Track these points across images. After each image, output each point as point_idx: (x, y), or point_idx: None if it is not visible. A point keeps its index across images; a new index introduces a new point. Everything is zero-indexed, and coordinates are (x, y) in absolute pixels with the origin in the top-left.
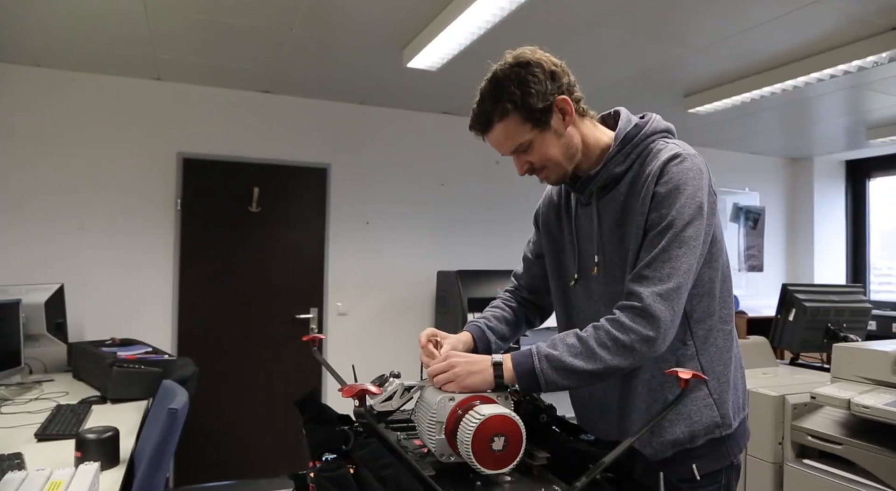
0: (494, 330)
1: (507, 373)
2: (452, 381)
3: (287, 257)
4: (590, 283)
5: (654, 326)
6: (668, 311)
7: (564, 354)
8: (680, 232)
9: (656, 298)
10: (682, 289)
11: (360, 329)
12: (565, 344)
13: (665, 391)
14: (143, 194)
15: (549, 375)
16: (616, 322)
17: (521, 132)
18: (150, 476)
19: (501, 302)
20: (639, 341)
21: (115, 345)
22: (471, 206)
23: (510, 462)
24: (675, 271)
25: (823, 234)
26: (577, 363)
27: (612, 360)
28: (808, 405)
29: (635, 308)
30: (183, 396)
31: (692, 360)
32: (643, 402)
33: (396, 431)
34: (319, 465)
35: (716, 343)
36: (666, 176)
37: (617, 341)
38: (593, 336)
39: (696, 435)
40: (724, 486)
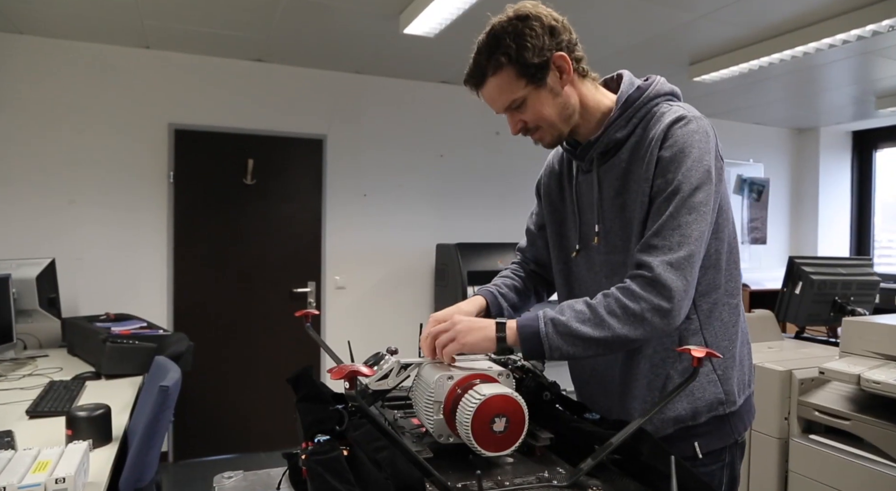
0: (506, 297)
1: (511, 333)
2: (454, 338)
3: (283, 231)
4: (591, 253)
5: (667, 295)
6: (680, 280)
7: (571, 320)
8: (688, 197)
9: (667, 268)
10: (693, 257)
11: (359, 303)
12: (573, 310)
13: (667, 367)
14: (134, 167)
15: (554, 341)
16: (626, 290)
17: (514, 88)
18: (143, 454)
19: (511, 272)
20: (650, 311)
21: (110, 320)
22: (470, 178)
23: (512, 444)
24: (685, 239)
25: (828, 207)
26: (583, 330)
27: (620, 328)
28: (815, 380)
29: (645, 278)
30: (175, 373)
31: (695, 334)
32: (644, 377)
33: (394, 410)
34: (311, 446)
35: (721, 317)
36: (670, 139)
37: (627, 310)
38: (602, 303)
39: (698, 412)
40: (727, 464)
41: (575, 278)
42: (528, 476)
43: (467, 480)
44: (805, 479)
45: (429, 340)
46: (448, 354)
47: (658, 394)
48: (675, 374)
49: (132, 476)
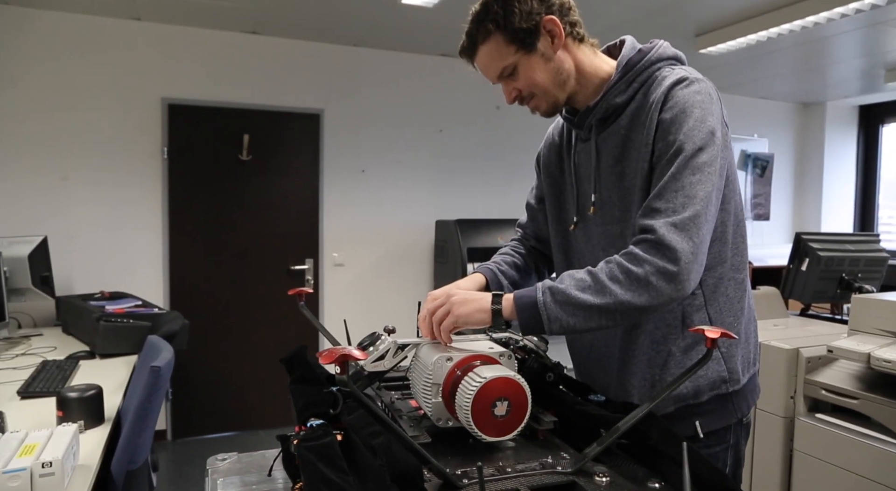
0: (506, 275)
1: (507, 304)
2: (449, 311)
3: (280, 207)
4: (588, 225)
5: (672, 258)
6: (685, 241)
7: (571, 288)
8: (691, 157)
9: (670, 228)
10: (700, 218)
11: (357, 280)
12: (573, 278)
13: (669, 344)
14: (127, 143)
15: (553, 311)
16: (629, 254)
17: (504, 54)
18: (135, 435)
19: (510, 248)
20: (655, 274)
21: (105, 298)
22: (470, 154)
23: (514, 429)
24: (689, 200)
25: (832, 183)
26: (584, 297)
27: (623, 294)
28: (822, 358)
29: (648, 241)
30: (168, 353)
31: (700, 310)
32: (644, 355)
33: (391, 391)
34: (303, 432)
35: (726, 293)
36: (671, 101)
37: (630, 274)
38: (604, 269)
39: (700, 390)
40: (732, 445)
41: (573, 252)
42: (531, 461)
43: (467, 466)
44: (810, 458)
45: (427, 320)
46: (445, 328)
47: (658, 371)
48: (676, 351)
49: (124, 458)
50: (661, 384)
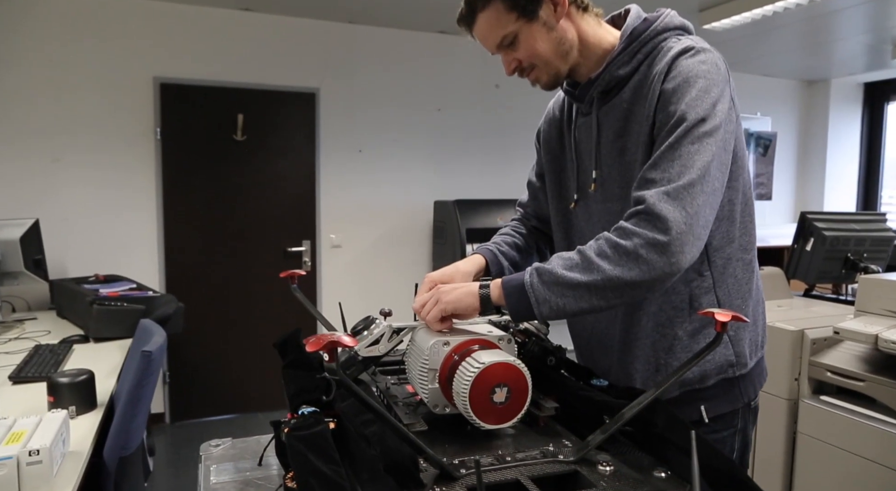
0: (506, 255)
1: (495, 288)
2: (437, 300)
3: (276, 188)
4: (589, 203)
5: (662, 228)
6: (677, 210)
7: (558, 267)
8: (692, 127)
9: (661, 197)
10: (695, 187)
11: (355, 262)
12: (561, 258)
13: (674, 327)
14: (119, 123)
15: (541, 292)
16: (618, 229)
17: (504, 22)
18: (127, 421)
19: (511, 229)
20: (644, 246)
21: (99, 282)
22: (469, 133)
23: (513, 416)
24: (686, 169)
25: (836, 162)
26: (571, 275)
27: (612, 269)
28: (827, 340)
29: (639, 213)
30: (160, 338)
31: (708, 293)
32: (648, 338)
33: (387, 376)
34: (294, 420)
35: (734, 274)
36: (674, 70)
37: (618, 248)
38: (593, 247)
39: (706, 374)
40: (739, 430)
41: (574, 231)
42: (532, 450)
43: (465, 456)
44: (814, 440)
45: (419, 308)
46: (433, 318)
47: (664, 356)
48: (683, 334)
49: (117, 444)
50: (666, 369)
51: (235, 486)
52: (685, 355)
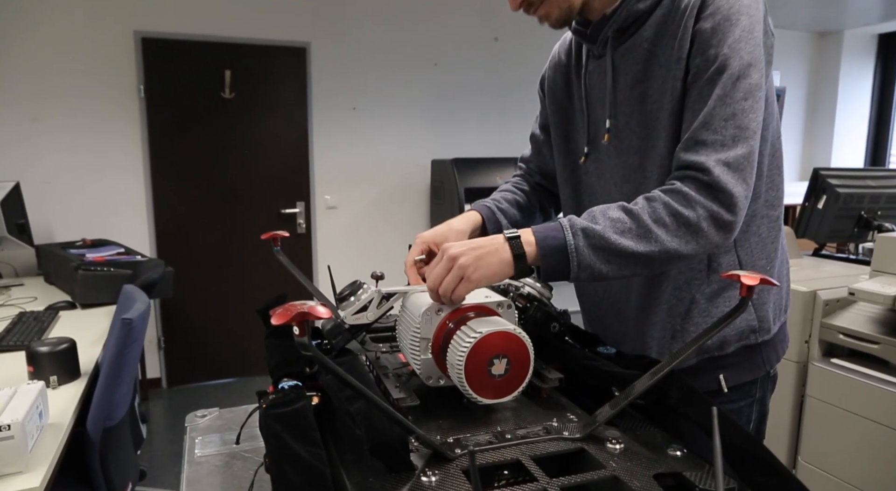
0: (506, 213)
1: (530, 248)
2: (462, 277)
3: (268, 148)
4: (601, 157)
5: (728, 203)
6: (740, 184)
7: (608, 230)
8: (740, 77)
9: (724, 169)
10: (752, 156)
11: (352, 223)
12: (608, 218)
13: (692, 290)
14: (100, 81)
15: (585, 257)
16: (677, 193)
17: None
18: (109, 392)
19: (512, 185)
20: (707, 220)
21: (86, 246)
22: (467, 89)
23: (513, 389)
24: (742, 132)
25: (845, 117)
26: (623, 243)
27: (670, 241)
28: (840, 301)
29: (699, 181)
30: (142, 304)
31: (728, 252)
32: (666, 302)
33: (379, 344)
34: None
35: (758, 232)
36: (710, 6)
37: (679, 217)
38: (647, 209)
39: (727, 341)
40: (757, 399)
41: (583, 187)
42: (534, 425)
43: (461, 433)
44: (823, 404)
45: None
46: (458, 297)
47: (680, 321)
48: (701, 298)
49: (100, 415)
50: (682, 335)
51: (221, 459)
52: (703, 320)
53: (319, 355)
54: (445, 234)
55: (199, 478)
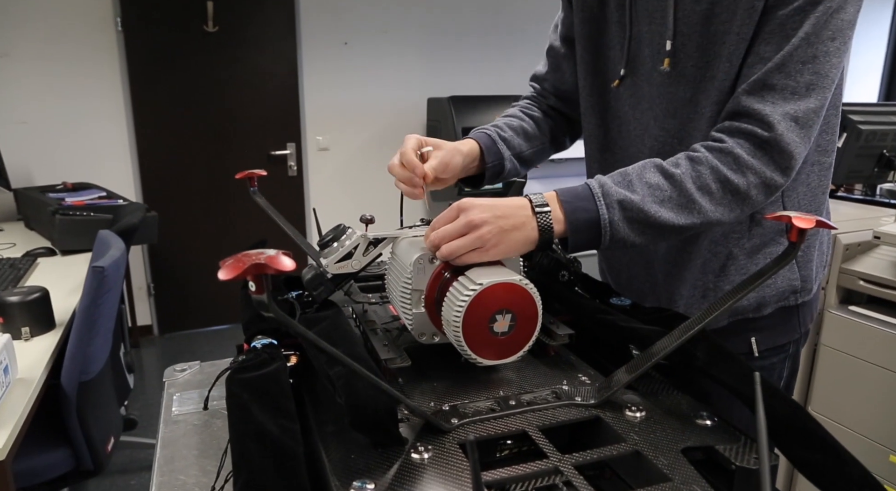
0: (509, 143)
1: (558, 224)
2: (479, 247)
3: (255, 86)
4: (640, 82)
5: (784, 166)
6: (803, 143)
7: (647, 200)
8: (836, 11)
9: (790, 125)
10: (822, 110)
11: (345, 165)
12: (645, 183)
13: (729, 244)
14: (73, 11)
15: (620, 231)
16: (728, 155)
17: None
18: (83, 344)
19: (520, 109)
20: (758, 187)
21: (66, 190)
22: (465, 23)
23: (518, 349)
24: (818, 79)
25: (861, 51)
26: (664, 215)
27: (713, 211)
28: (861, 245)
29: (758, 138)
30: (116, 251)
31: (774, 203)
32: (700, 257)
33: (367, 293)
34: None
35: (808, 181)
36: None
37: (728, 185)
38: (690, 173)
39: (765, 302)
40: (790, 356)
41: (612, 117)
42: (542, 388)
43: (458, 398)
44: (838, 353)
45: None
46: (464, 263)
47: (713, 279)
48: (740, 253)
49: (74, 369)
50: (715, 294)
51: (200, 417)
52: (740, 278)
53: (282, 317)
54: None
55: (176, 439)
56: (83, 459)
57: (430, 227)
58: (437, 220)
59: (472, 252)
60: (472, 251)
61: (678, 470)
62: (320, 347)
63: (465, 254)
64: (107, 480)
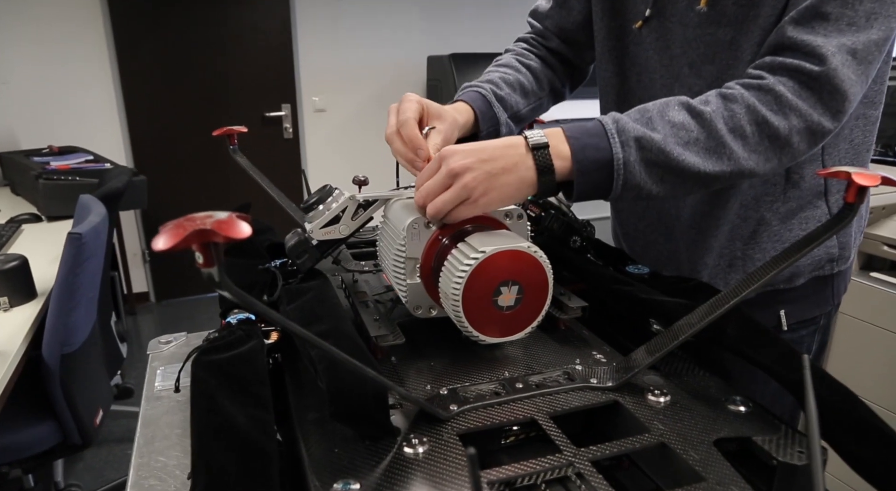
0: (506, 103)
1: (561, 163)
2: (466, 200)
3: (248, 44)
4: (669, 24)
5: (836, 107)
6: (860, 81)
7: (669, 140)
8: None
9: (846, 59)
10: (885, 44)
11: (342, 127)
12: (668, 121)
13: (761, 208)
14: None
15: (636, 175)
16: (769, 93)
17: None
18: (63, 315)
19: (514, 56)
20: (801, 132)
21: (52, 154)
22: None
23: (525, 326)
24: (881, 7)
25: None
26: (689, 159)
27: (746, 158)
28: (886, 208)
29: (806, 74)
30: (96, 217)
31: (814, 161)
32: (727, 223)
33: (359, 261)
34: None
35: (851, 137)
36: None
37: (766, 128)
38: (721, 113)
39: (798, 272)
40: (821, 327)
41: (632, 63)
42: (552, 369)
43: (457, 380)
44: (856, 321)
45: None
46: (456, 220)
47: (742, 246)
48: (773, 218)
49: (54, 340)
50: (743, 263)
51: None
52: (773, 246)
53: (239, 295)
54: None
55: (157, 417)
56: (70, 433)
57: (416, 185)
58: (421, 176)
59: (460, 206)
60: (461, 205)
61: (712, 466)
62: (290, 329)
63: (453, 209)
64: (103, 450)
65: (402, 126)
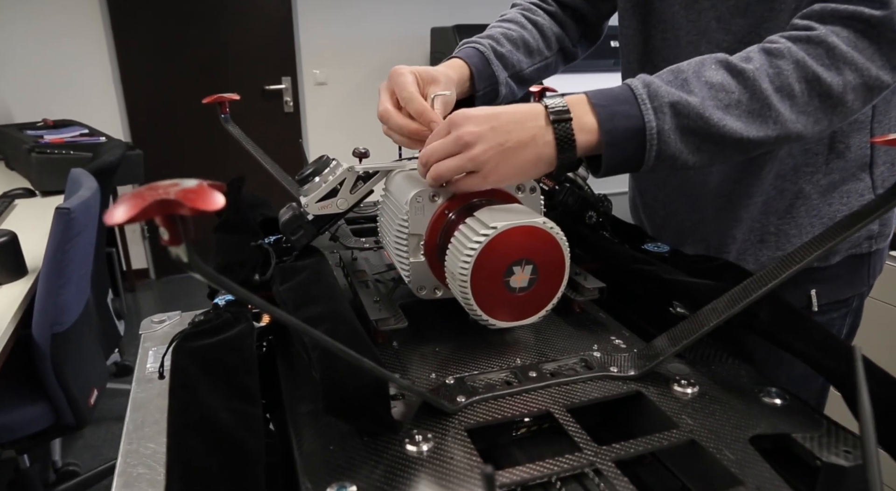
0: (506, 61)
1: (585, 137)
2: (475, 171)
3: (247, 16)
4: None
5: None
6: None
7: (708, 104)
8: None
9: None
10: None
11: (344, 100)
12: (706, 83)
13: (799, 180)
14: None
15: (671, 145)
16: (820, 45)
17: None
18: (52, 294)
19: (519, 12)
20: (857, 89)
21: (47, 127)
22: None
23: (539, 309)
24: None
25: None
26: (729, 124)
27: (794, 121)
28: None
29: (864, 21)
30: (87, 191)
31: (861, 130)
32: (762, 194)
33: (358, 238)
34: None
35: None
36: None
37: (817, 85)
38: (767, 71)
39: (834, 249)
40: (853, 310)
41: (656, 20)
42: (568, 355)
43: (465, 369)
44: (882, 304)
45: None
46: (461, 190)
47: (776, 221)
48: (812, 191)
49: (44, 320)
50: (776, 240)
51: None
52: (810, 222)
53: (213, 276)
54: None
55: (148, 400)
56: (63, 414)
57: (424, 146)
58: (429, 140)
59: (468, 178)
60: (469, 176)
61: (750, 468)
62: (276, 316)
63: (460, 179)
64: (102, 428)
65: (408, 103)
